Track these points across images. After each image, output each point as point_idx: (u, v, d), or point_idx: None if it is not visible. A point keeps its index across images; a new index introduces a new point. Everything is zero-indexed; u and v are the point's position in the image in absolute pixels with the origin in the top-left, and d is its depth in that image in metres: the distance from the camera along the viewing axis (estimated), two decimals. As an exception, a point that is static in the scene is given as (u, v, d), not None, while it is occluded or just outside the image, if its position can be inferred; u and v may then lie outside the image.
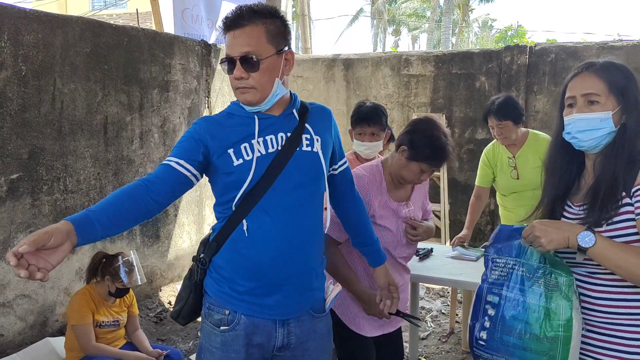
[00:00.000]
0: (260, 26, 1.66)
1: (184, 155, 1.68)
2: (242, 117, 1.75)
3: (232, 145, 1.69)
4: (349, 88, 6.64)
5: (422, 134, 2.22)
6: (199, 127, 1.73)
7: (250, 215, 1.70)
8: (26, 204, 3.74)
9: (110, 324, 3.36)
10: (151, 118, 4.77)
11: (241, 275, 1.73)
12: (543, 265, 1.64)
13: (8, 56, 3.57)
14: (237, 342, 1.75)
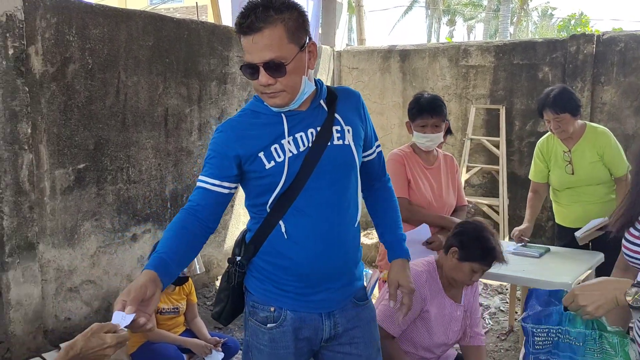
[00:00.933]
0: (279, 26, 1.55)
1: (217, 175, 1.67)
2: (268, 116, 1.70)
3: (263, 148, 1.66)
4: (405, 80, 6.54)
5: (471, 234, 2.33)
6: (226, 137, 1.68)
7: (286, 217, 1.69)
8: (92, 193, 3.88)
9: (170, 311, 3.45)
10: (209, 110, 4.85)
11: (284, 276, 1.74)
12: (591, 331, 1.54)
13: (76, 50, 3.69)
14: (286, 338, 1.76)
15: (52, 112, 3.58)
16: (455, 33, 40.28)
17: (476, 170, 6.04)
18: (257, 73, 1.59)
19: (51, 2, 3.54)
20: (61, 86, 3.62)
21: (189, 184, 4.70)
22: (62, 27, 3.59)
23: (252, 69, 1.59)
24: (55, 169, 3.63)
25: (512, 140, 5.99)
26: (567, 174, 3.41)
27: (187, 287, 3.57)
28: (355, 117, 1.79)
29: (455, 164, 3.08)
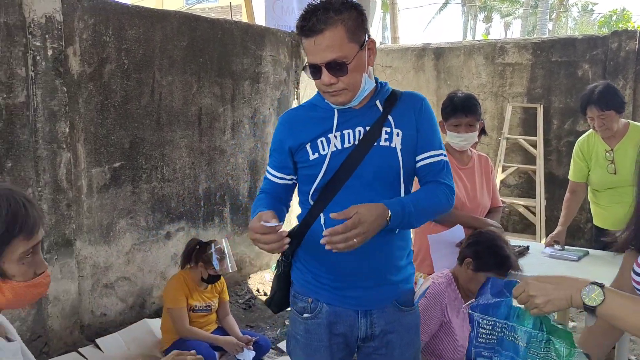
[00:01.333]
0: (340, 26, 1.60)
1: (278, 167, 1.82)
2: (324, 110, 1.76)
3: (310, 140, 1.74)
4: (439, 78, 6.46)
5: (485, 244, 2.33)
6: (280, 130, 1.82)
7: (327, 210, 1.73)
8: (127, 191, 3.94)
9: (203, 308, 3.48)
10: (242, 109, 4.88)
11: (321, 268, 1.78)
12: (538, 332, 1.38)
13: (112, 50, 3.76)
14: (320, 331, 1.79)
15: (89, 111, 3.65)
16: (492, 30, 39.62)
17: (512, 170, 5.92)
18: (319, 73, 1.65)
19: (89, 4, 3.61)
20: (98, 86, 3.69)
21: (222, 183, 4.74)
22: (99, 28, 3.66)
23: (315, 69, 1.65)
24: (92, 168, 3.70)
25: (550, 139, 5.84)
26: (608, 174, 3.29)
27: (220, 285, 3.60)
28: (411, 120, 1.76)
29: (490, 165, 3.01)
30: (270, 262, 5.43)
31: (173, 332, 3.40)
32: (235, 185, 4.90)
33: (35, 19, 3.26)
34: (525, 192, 5.96)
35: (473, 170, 2.89)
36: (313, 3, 1.64)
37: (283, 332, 4.19)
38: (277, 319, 4.44)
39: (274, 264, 5.42)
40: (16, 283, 1.23)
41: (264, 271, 5.31)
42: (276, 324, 4.36)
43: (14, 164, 3.26)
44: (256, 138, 5.06)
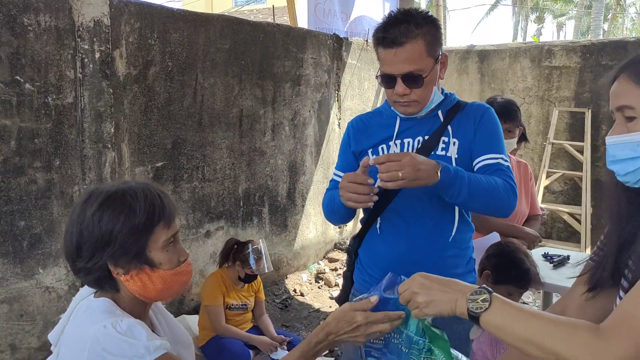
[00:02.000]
0: (420, 40, 1.65)
1: (345, 169, 1.89)
2: (387, 117, 1.85)
3: (372, 146, 1.83)
4: (483, 81, 6.35)
5: (505, 256, 2.28)
6: (347, 133, 1.92)
7: (384, 215, 1.81)
8: (168, 191, 4.05)
9: (239, 307, 3.53)
10: (283, 111, 4.93)
11: (376, 270, 1.86)
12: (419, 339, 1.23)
13: (157, 53, 3.87)
14: None
15: (133, 112, 3.77)
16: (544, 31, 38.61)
17: (557, 176, 5.76)
18: (393, 83, 1.70)
19: (135, 8, 3.72)
20: (142, 88, 3.81)
21: (261, 184, 4.80)
22: (144, 31, 3.78)
23: (390, 79, 1.70)
24: (136, 167, 3.82)
25: (598, 145, 5.66)
26: None
27: (256, 284, 3.65)
28: (469, 129, 1.77)
29: (529, 172, 2.95)
30: (308, 263, 5.47)
31: (210, 329, 3.46)
32: (275, 186, 4.95)
33: (84, 23, 3.40)
34: (571, 199, 5.79)
35: None
36: (393, 14, 1.70)
37: (318, 334, 4.21)
38: (312, 320, 4.47)
39: (312, 265, 5.45)
40: (164, 271, 1.28)
41: (301, 272, 5.35)
42: (311, 324, 4.39)
43: (62, 162, 3.40)
44: (296, 140, 5.10)
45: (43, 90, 3.27)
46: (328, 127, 5.50)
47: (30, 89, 3.21)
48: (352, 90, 5.79)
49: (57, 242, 3.42)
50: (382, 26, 1.68)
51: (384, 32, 1.66)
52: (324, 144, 5.45)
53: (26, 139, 3.22)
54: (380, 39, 1.68)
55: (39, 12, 3.22)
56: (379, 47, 1.70)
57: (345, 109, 5.73)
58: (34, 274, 3.31)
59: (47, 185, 3.34)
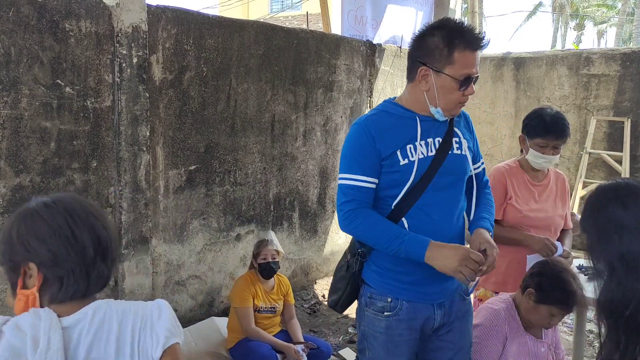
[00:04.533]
0: None
1: (370, 172, 1.87)
2: (404, 118, 1.89)
3: (400, 146, 1.85)
4: (519, 89, 6.26)
5: (551, 276, 2.22)
6: (367, 133, 1.86)
7: (409, 213, 1.86)
8: (201, 194, 4.11)
9: (268, 309, 3.56)
10: (315, 117, 4.96)
11: (405, 268, 1.89)
12: None
13: (192, 59, 3.94)
14: (401, 326, 1.92)
15: (168, 116, 3.85)
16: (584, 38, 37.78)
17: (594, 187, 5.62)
18: (468, 84, 1.81)
19: (172, 14, 3.81)
20: (178, 92, 3.89)
21: (292, 188, 4.83)
22: (180, 37, 3.86)
23: (468, 80, 1.81)
24: (169, 170, 3.90)
25: (638, 155, 5.51)
26: None
27: (285, 287, 3.67)
28: (467, 133, 2.00)
29: (566, 185, 2.86)
30: (337, 269, 5.46)
31: (239, 331, 3.50)
32: (305, 191, 4.98)
33: (122, 29, 3.49)
34: (608, 210, 5.64)
35: (547, 187, 2.77)
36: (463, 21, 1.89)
37: (345, 339, 4.21)
38: (341, 326, 4.46)
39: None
40: None
41: (330, 277, 5.34)
42: (339, 330, 4.39)
43: (99, 164, 3.49)
44: (327, 145, 5.12)
45: (82, 94, 3.37)
46: (360, 133, 5.49)
47: (70, 93, 3.32)
48: (385, 97, 5.77)
49: (93, 241, 3.51)
50: (467, 30, 1.79)
51: (477, 34, 1.80)
52: (355, 150, 5.45)
53: (65, 141, 3.33)
54: (472, 41, 1.78)
55: (80, 18, 3.33)
56: (466, 49, 1.77)
57: (378, 115, 5.72)
58: (69, 272, 3.40)
59: (84, 186, 3.44)
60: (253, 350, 3.39)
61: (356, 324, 2.12)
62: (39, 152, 3.24)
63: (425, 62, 1.82)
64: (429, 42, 1.81)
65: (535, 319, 2.26)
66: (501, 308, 2.30)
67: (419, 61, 1.84)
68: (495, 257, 1.81)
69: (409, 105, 1.91)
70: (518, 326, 2.29)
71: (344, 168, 1.90)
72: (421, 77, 1.84)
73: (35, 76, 3.17)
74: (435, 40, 1.80)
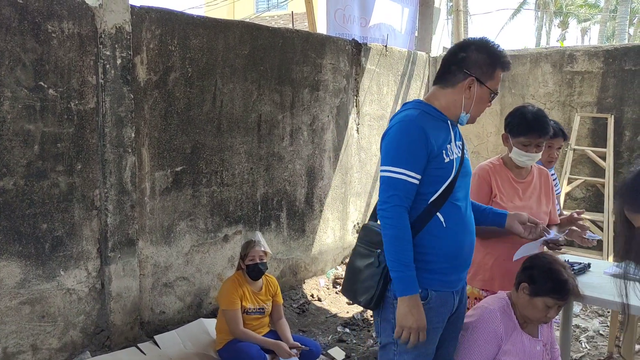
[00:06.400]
0: None
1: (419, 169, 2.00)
2: (440, 121, 2.09)
3: (440, 146, 2.04)
4: (504, 86, 6.30)
5: (541, 268, 2.27)
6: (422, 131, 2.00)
7: (443, 208, 2.04)
8: (188, 195, 4.09)
9: (256, 311, 3.55)
10: (301, 116, 4.95)
11: (437, 258, 2.05)
12: None
13: (177, 59, 3.92)
14: (430, 314, 2.04)
15: (153, 117, 3.83)
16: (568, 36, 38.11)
17: (579, 183, 5.68)
18: (494, 98, 2.13)
19: (156, 15, 3.78)
20: (163, 93, 3.86)
21: (280, 188, 4.82)
22: (165, 38, 3.83)
23: (494, 95, 2.12)
24: (155, 171, 3.87)
25: (621, 151, 5.57)
26: None
27: (273, 288, 3.66)
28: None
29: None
30: (326, 268, 5.47)
31: (227, 332, 3.48)
32: (293, 191, 4.97)
33: (106, 30, 3.46)
34: (593, 206, 5.70)
35: (531, 184, 2.79)
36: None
37: (335, 339, 4.21)
38: (330, 325, 4.46)
39: (329, 270, 5.45)
40: None
41: (318, 277, 5.35)
42: (328, 330, 4.39)
43: (83, 166, 3.46)
44: (314, 145, 5.12)
45: (66, 96, 3.34)
46: (346, 132, 5.50)
47: (53, 95, 3.28)
48: (371, 96, 5.78)
49: (79, 244, 3.48)
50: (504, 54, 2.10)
51: (508, 60, 2.10)
52: (342, 149, 5.46)
53: (49, 144, 3.29)
54: (506, 63, 2.08)
55: (62, 19, 3.29)
56: (503, 69, 2.10)
57: (364, 114, 5.73)
58: (55, 275, 3.37)
59: (68, 188, 3.40)
60: (242, 351, 3.38)
61: (376, 319, 2.16)
62: (23, 155, 3.20)
63: (473, 73, 2.05)
64: (476, 57, 2.06)
65: (532, 314, 2.27)
66: (497, 308, 2.30)
67: (467, 72, 2.05)
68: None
69: (441, 108, 2.10)
70: (514, 325, 2.30)
71: (393, 161, 1.99)
72: (467, 85, 2.05)
73: (18, 78, 3.14)
74: (483, 57, 2.05)
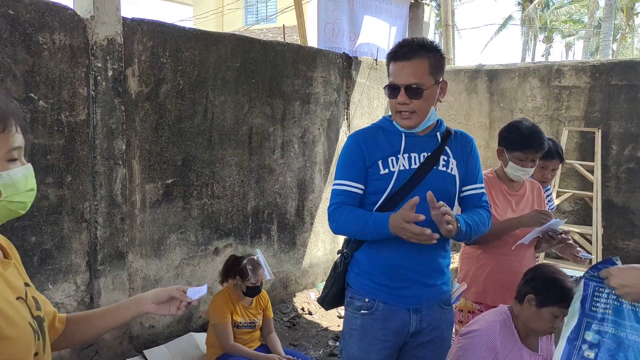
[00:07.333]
0: (425, 60, 1.94)
1: (357, 178, 2.05)
2: (392, 133, 2.06)
3: (382, 157, 2.02)
4: (492, 100, 6.36)
5: (545, 278, 2.27)
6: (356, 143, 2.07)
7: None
8: (178, 207, 4.06)
9: (247, 325, 3.52)
10: (292, 129, 4.95)
11: (379, 271, 2.04)
12: None
13: (169, 72, 3.91)
14: (375, 326, 2.04)
15: (145, 129, 3.80)
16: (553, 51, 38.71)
17: (567, 196, 5.73)
18: (397, 93, 1.96)
19: (148, 27, 3.78)
20: (154, 105, 3.84)
21: (270, 201, 4.81)
22: (157, 50, 3.83)
23: (395, 89, 1.97)
24: (146, 184, 3.84)
25: (609, 165, 5.63)
26: None
27: (264, 301, 3.63)
28: (463, 155, 2.10)
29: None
30: (316, 281, 5.44)
31: (217, 347, 3.45)
32: (283, 203, 4.96)
33: (97, 42, 3.45)
34: (582, 219, 5.75)
35: (523, 197, 2.82)
36: (409, 38, 2.05)
37: (326, 352, 4.18)
38: (321, 339, 4.44)
39: (320, 284, 5.42)
40: None
41: (309, 290, 5.32)
42: (319, 344, 4.36)
43: (73, 178, 3.43)
44: (305, 157, 5.12)
45: (56, 108, 3.32)
46: (337, 145, 5.51)
47: (44, 106, 3.25)
48: (362, 109, 5.81)
49: (68, 257, 3.43)
50: (396, 45, 1.99)
51: (398, 47, 1.98)
52: (333, 161, 5.46)
53: (39, 155, 3.26)
54: (393, 53, 1.98)
55: (54, 30, 3.28)
56: (391, 61, 1.99)
57: (355, 127, 5.75)
58: (43, 289, 3.32)
59: (58, 201, 3.37)
60: (233, 366, 3.34)
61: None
62: (12, 167, 3.16)
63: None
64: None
65: (539, 326, 2.25)
66: (497, 320, 2.28)
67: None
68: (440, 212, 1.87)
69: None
70: (515, 339, 2.27)
71: (337, 175, 2.11)
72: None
73: (8, 90, 3.11)
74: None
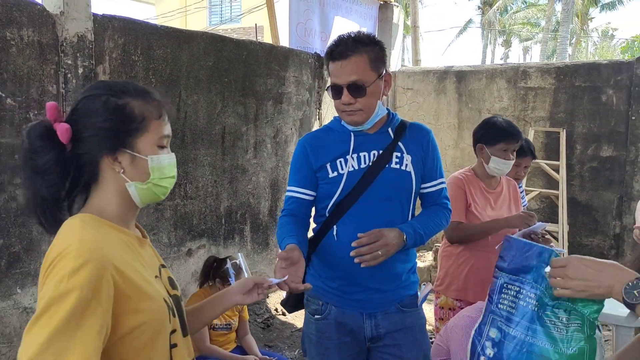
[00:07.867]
0: (364, 55, 1.84)
1: (304, 184, 1.99)
2: (340, 133, 1.98)
3: (330, 160, 1.94)
4: (461, 101, 6.46)
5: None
6: (303, 149, 2.00)
7: (340, 222, 1.93)
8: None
9: (223, 327, 3.47)
10: (265, 129, 4.92)
11: (331, 274, 1.99)
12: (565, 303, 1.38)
13: (140, 69, 3.83)
14: (330, 330, 1.99)
15: (116, 128, 3.71)
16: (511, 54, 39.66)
17: (534, 195, 5.86)
18: (340, 93, 1.87)
19: (119, 24, 3.69)
20: (126, 104, 3.75)
21: (243, 201, 4.76)
22: (128, 47, 3.74)
23: (337, 89, 1.87)
24: (117, 184, 3.74)
25: (573, 164, 5.79)
26: None
27: (240, 303, 3.59)
28: (419, 149, 1.99)
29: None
30: (289, 282, 5.42)
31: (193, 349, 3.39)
32: (257, 204, 4.92)
33: (67, 38, 3.35)
34: (548, 217, 5.89)
35: (501, 194, 2.86)
36: (344, 35, 1.89)
37: (301, 353, 4.16)
38: (295, 339, 4.41)
39: (292, 284, 5.40)
40: None
41: (282, 291, 5.28)
42: (294, 344, 4.34)
43: (43, 179, 3.31)
44: (278, 157, 5.09)
45: (25, 106, 3.20)
46: (309, 145, 5.50)
47: (11, 104, 3.14)
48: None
49: (36, 261, 3.32)
50: (332, 43, 1.89)
51: (334, 46, 1.88)
52: (305, 162, 5.45)
53: (6, 155, 3.14)
54: (330, 52, 1.88)
55: (22, 26, 3.16)
56: (329, 61, 1.89)
57: (326, 127, 5.75)
58: (11, 294, 3.20)
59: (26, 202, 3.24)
60: (210, 369, 3.29)
61: None
62: (-23, 167, 3.04)
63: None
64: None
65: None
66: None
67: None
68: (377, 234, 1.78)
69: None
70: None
71: (288, 181, 2.06)
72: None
73: (-27, 86, 2.99)
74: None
